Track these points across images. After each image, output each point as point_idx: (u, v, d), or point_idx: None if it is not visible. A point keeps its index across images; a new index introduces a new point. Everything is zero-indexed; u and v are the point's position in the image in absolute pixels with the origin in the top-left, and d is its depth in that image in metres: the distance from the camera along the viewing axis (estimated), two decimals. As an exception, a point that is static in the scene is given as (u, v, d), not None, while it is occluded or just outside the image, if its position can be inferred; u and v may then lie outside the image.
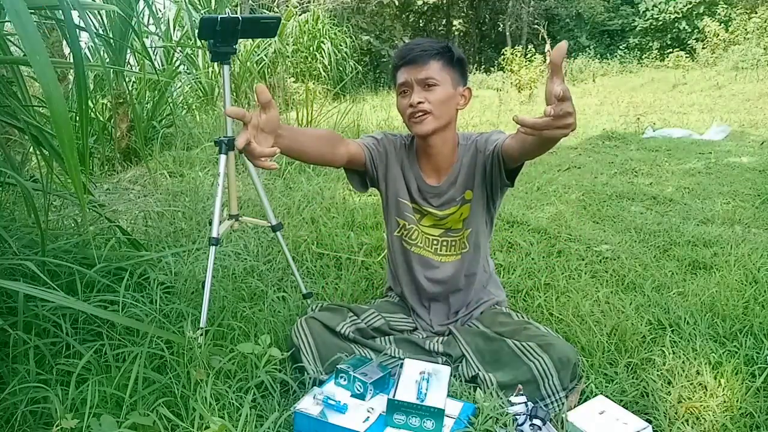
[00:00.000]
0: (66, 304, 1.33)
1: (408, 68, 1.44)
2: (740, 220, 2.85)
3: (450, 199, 1.55)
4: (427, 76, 1.42)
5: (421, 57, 1.42)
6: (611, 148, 5.32)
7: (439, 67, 1.43)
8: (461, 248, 1.60)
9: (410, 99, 1.43)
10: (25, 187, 1.60)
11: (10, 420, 1.25)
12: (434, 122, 1.44)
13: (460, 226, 1.57)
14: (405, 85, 1.45)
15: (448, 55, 1.45)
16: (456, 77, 1.47)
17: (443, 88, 1.43)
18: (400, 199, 1.60)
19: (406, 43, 1.51)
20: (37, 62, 0.93)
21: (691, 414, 1.31)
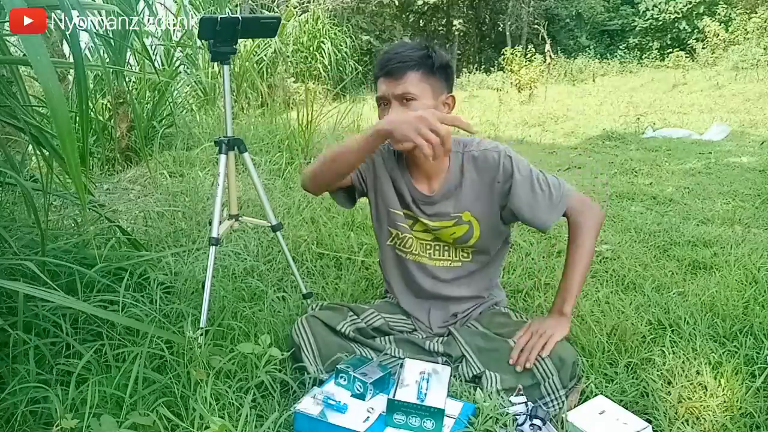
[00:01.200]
0: (66, 304, 1.33)
1: (386, 81, 1.37)
2: (740, 220, 2.85)
3: (443, 213, 1.49)
4: (404, 91, 1.35)
5: (398, 69, 1.35)
6: (611, 148, 5.32)
7: (417, 78, 1.35)
8: (462, 256, 1.56)
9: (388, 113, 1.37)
10: (25, 187, 1.60)
11: (10, 420, 1.25)
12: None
13: (450, 241, 1.53)
14: (383, 98, 1.39)
15: (428, 63, 1.36)
16: (438, 85, 1.39)
17: (421, 102, 1.35)
18: (392, 210, 1.56)
19: (386, 51, 1.42)
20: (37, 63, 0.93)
21: (691, 414, 1.31)
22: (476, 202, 1.46)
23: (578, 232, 1.45)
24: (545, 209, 1.43)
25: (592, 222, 1.46)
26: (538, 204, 1.43)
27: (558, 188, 1.45)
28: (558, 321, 1.42)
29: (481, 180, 1.45)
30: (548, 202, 1.43)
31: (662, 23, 15.15)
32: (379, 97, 1.41)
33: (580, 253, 1.44)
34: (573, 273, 1.44)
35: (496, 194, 1.45)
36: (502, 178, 1.43)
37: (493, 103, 8.16)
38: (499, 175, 1.43)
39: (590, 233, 1.45)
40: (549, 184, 1.44)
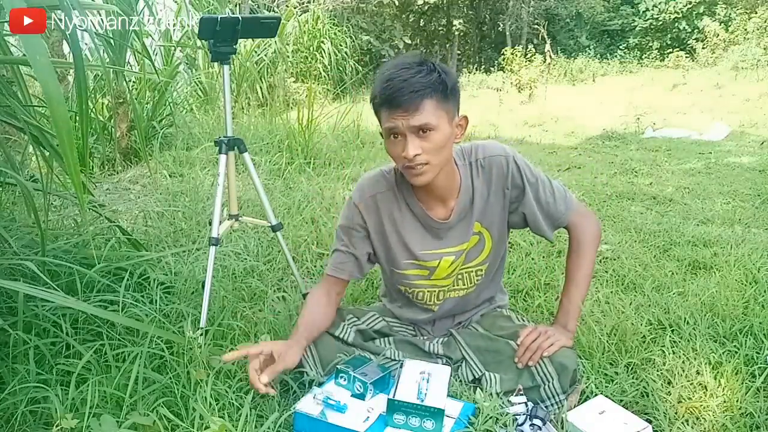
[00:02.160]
0: (66, 304, 1.33)
1: (396, 113, 1.21)
2: (740, 220, 2.85)
3: (464, 233, 1.42)
4: (422, 123, 1.20)
5: (412, 100, 1.18)
6: (611, 148, 5.32)
7: (434, 107, 1.21)
8: (476, 281, 1.51)
9: (404, 149, 1.22)
10: (25, 187, 1.60)
11: (10, 420, 1.25)
12: (433, 171, 1.27)
13: (464, 259, 1.46)
14: (394, 131, 1.23)
15: (441, 87, 1.22)
16: (452, 110, 1.26)
17: (440, 132, 1.23)
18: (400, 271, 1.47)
19: (388, 76, 1.21)
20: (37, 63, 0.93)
21: (691, 414, 1.31)
22: (486, 212, 1.41)
23: (579, 247, 1.45)
24: (549, 222, 1.43)
25: (593, 236, 1.45)
26: (545, 214, 1.42)
27: (563, 199, 1.43)
28: (562, 332, 1.41)
29: (489, 189, 1.40)
30: (552, 214, 1.42)
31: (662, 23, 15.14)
32: (388, 129, 1.24)
33: (583, 269, 1.44)
34: (576, 289, 1.44)
35: (506, 201, 1.41)
36: (511, 184, 1.39)
37: (493, 103, 8.15)
38: (508, 182, 1.39)
39: (591, 248, 1.45)
40: (555, 193, 1.42)
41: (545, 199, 1.41)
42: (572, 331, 1.43)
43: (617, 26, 16.28)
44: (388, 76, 1.21)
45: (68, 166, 1.02)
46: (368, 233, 1.43)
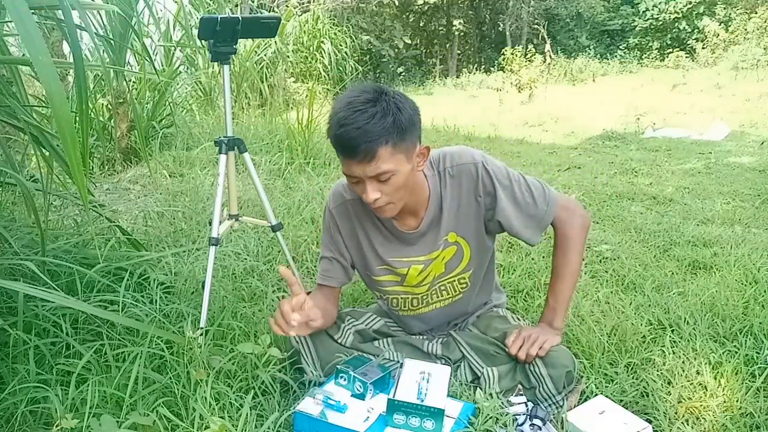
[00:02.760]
0: (66, 304, 1.33)
1: (351, 162, 1.19)
2: (740, 220, 2.85)
3: (432, 242, 1.39)
4: (379, 172, 1.18)
5: (367, 150, 1.16)
6: (611, 148, 5.32)
7: (390, 152, 1.18)
8: (460, 289, 1.49)
9: (363, 192, 1.23)
10: (25, 187, 1.60)
11: (10, 420, 1.25)
12: (397, 206, 1.27)
13: (443, 270, 1.43)
14: (352, 176, 1.23)
15: (396, 131, 1.17)
16: (411, 145, 1.22)
17: (399, 174, 1.21)
18: (375, 277, 1.47)
19: (342, 120, 1.17)
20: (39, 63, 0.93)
21: (691, 414, 1.31)
22: (460, 221, 1.38)
23: (565, 243, 1.39)
24: (531, 223, 1.37)
25: (579, 230, 1.39)
26: (523, 217, 1.36)
27: (543, 197, 1.37)
28: (548, 331, 1.38)
29: (461, 198, 1.36)
30: (533, 215, 1.36)
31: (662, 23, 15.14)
32: (346, 174, 1.24)
33: (569, 264, 1.39)
34: (562, 286, 1.40)
35: (480, 208, 1.37)
36: (482, 191, 1.34)
37: (493, 103, 8.15)
38: (479, 189, 1.34)
39: (578, 242, 1.39)
40: (533, 192, 1.36)
41: (524, 200, 1.35)
42: (559, 328, 1.40)
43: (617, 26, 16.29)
44: (342, 119, 1.17)
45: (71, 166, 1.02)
46: (343, 238, 1.44)
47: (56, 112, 0.97)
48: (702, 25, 13.51)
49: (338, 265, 1.46)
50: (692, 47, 13.12)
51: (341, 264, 1.46)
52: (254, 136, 4.29)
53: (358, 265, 1.49)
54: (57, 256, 1.74)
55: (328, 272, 1.46)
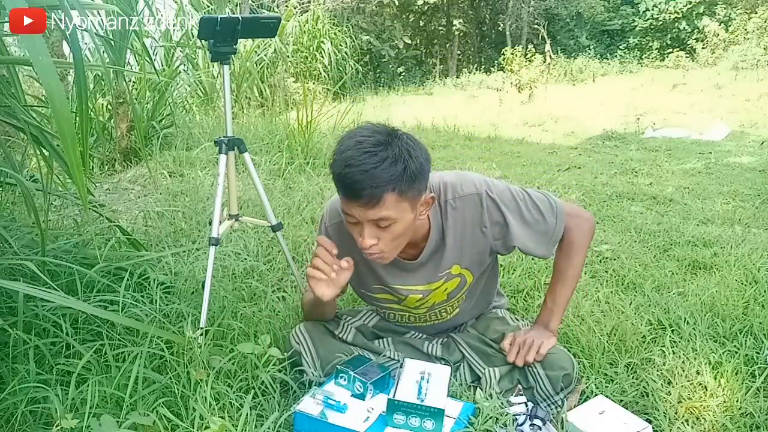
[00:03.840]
0: (66, 304, 1.33)
1: (353, 205, 1.14)
2: (740, 220, 2.85)
3: (432, 273, 1.36)
4: (380, 217, 1.14)
5: (372, 195, 1.11)
6: (611, 148, 5.32)
7: (395, 200, 1.13)
8: (458, 305, 1.48)
9: (360, 236, 1.19)
10: (25, 187, 1.60)
11: (10, 420, 1.25)
12: (391, 255, 1.24)
13: (444, 298, 1.42)
14: (351, 218, 1.19)
15: (405, 179, 1.12)
16: (417, 194, 1.18)
17: (401, 222, 1.17)
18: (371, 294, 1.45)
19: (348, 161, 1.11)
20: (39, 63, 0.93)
21: (691, 414, 1.31)
22: (463, 253, 1.34)
23: (570, 248, 1.38)
24: (544, 240, 1.34)
25: (585, 235, 1.39)
26: (535, 236, 1.33)
27: (551, 211, 1.34)
28: (543, 333, 1.37)
29: (464, 230, 1.32)
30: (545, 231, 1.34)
31: (662, 23, 15.13)
32: (345, 213, 1.20)
33: (572, 268, 1.39)
34: (562, 289, 1.39)
35: (488, 239, 1.33)
36: (489, 222, 1.30)
37: (493, 103, 8.15)
38: (485, 219, 1.30)
39: (583, 248, 1.39)
40: (540, 208, 1.33)
41: (533, 218, 1.32)
42: (554, 330, 1.39)
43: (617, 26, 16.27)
44: (349, 159, 1.11)
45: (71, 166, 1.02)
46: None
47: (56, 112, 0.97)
48: (702, 25, 13.50)
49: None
50: (692, 47, 13.11)
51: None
52: (254, 136, 4.29)
53: (353, 282, 1.44)
54: (57, 256, 1.74)
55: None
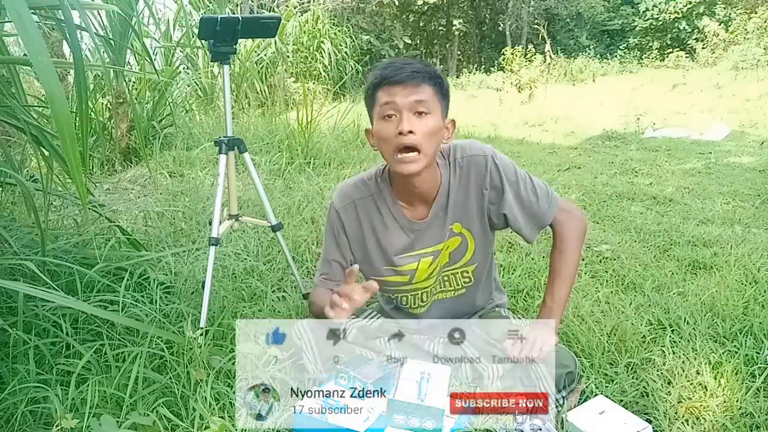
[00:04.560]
0: (66, 304, 1.33)
1: (396, 88, 1.23)
2: (740, 220, 2.85)
3: (439, 232, 1.40)
4: (420, 99, 1.23)
5: (413, 77, 1.23)
6: (611, 148, 5.32)
7: (432, 93, 1.25)
8: (463, 283, 1.49)
9: (399, 125, 1.23)
10: (25, 187, 1.60)
11: (10, 420, 1.25)
12: (423, 161, 1.26)
13: (447, 260, 1.44)
14: (391, 106, 1.24)
15: (439, 82, 1.27)
16: (444, 108, 1.29)
17: (435, 118, 1.25)
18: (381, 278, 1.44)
19: (389, 62, 1.28)
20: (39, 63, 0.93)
21: (691, 414, 1.31)
22: (466, 212, 1.39)
23: (563, 244, 1.40)
24: (532, 221, 1.39)
25: (577, 233, 1.40)
26: (525, 215, 1.38)
27: (546, 197, 1.39)
28: (544, 332, 1.36)
29: (468, 188, 1.37)
30: (535, 213, 1.38)
31: (662, 23, 15.13)
32: (384, 104, 1.25)
33: (567, 266, 1.39)
34: (559, 287, 1.40)
35: (485, 201, 1.37)
36: (489, 185, 1.36)
37: (493, 103, 8.15)
38: (486, 182, 1.36)
39: (575, 245, 1.40)
40: (537, 191, 1.38)
41: (527, 198, 1.37)
42: (555, 328, 1.38)
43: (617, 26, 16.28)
44: (390, 61, 1.28)
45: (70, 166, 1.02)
46: (348, 239, 1.43)
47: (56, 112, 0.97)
48: (702, 25, 13.50)
49: (338, 267, 1.46)
50: (692, 47, 13.12)
51: (341, 266, 1.46)
52: (254, 136, 4.30)
53: (363, 265, 1.46)
54: (57, 256, 1.74)
55: (327, 275, 1.47)
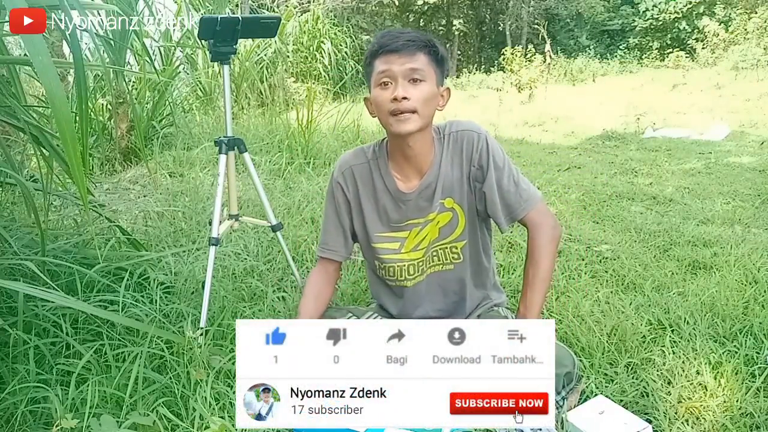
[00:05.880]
0: (66, 304, 1.33)
1: (392, 57, 1.30)
2: (740, 220, 2.85)
3: (427, 204, 1.43)
4: (414, 67, 1.29)
5: (407, 46, 1.29)
6: (611, 148, 5.32)
7: (427, 61, 1.31)
8: (452, 258, 1.49)
9: (394, 91, 1.29)
10: (25, 187, 1.60)
11: (10, 420, 1.25)
12: (419, 121, 1.32)
13: (437, 234, 1.46)
14: (386, 74, 1.30)
15: (434, 50, 1.33)
16: (439, 76, 1.35)
17: (429, 85, 1.32)
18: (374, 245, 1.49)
19: (385, 31, 1.36)
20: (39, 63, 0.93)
21: (691, 414, 1.31)
22: (457, 187, 1.42)
23: (535, 250, 1.41)
24: (505, 212, 1.41)
25: (549, 238, 1.41)
26: (503, 202, 1.41)
27: (527, 192, 1.41)
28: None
29: (461, 163, 1.41)
30: (509, 204, 1.40)
31: (662, 23, 15.14)
32: (380, 72, 1.31)
33: (540, 273, 1.39)
34: (533, 294, 1.39)
35: (472, 178, 1.42)
36: (477, 162, 1.40)
37: (493, 103, 8.14)
38: (474, 159, 1.40)
39: (547, 251, 1.41)
40: (519, 184, 1.41)
41: (507, 187, 1.40)
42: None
43: (617, 26, 16.28)
44: (387, 31, 1.35)
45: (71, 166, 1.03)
46: (349, 205, 1.49)
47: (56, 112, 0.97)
48: (702, 25, 13.50)
49: (339, 236, 1.51)
50: (692, 47, 13.11)
51: (343, 234, 1.51)
52: (254, 136, 4.29)
53: (359, 231, 1.51)
54: (57, 256, 1.74)
55: (327, 245, 1.52)
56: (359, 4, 13.01)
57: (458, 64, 16.01)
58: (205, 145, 4.04)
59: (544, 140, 5.97)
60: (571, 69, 12.85)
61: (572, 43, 16.03)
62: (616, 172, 4.09)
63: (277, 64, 7.41)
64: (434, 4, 14.71)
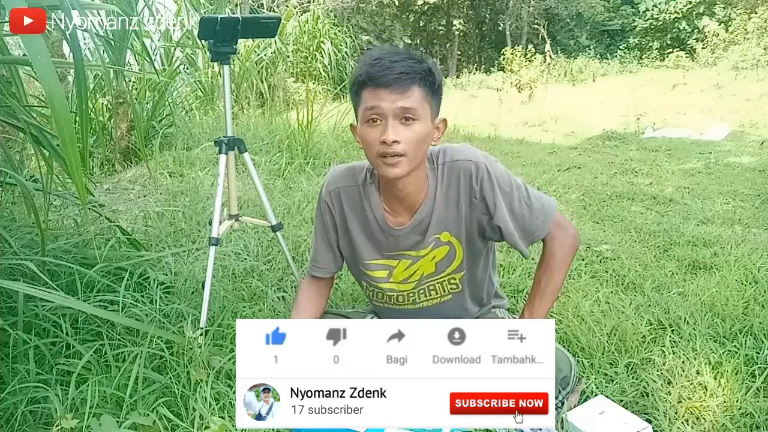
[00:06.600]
0: (66, 304, 1.33)
1: (382, 92, 1.14)
2: (740, 220, 2.85)
3: (421, 239, 1.34)
4: (407, 107, 1.14)
5: (400, 81, 1.13)
6: (611, 148, 5.33)
7: (421, 96, 1.16)
8: (450, 289, 1.43)
9: (383, 133, 1.15)
10: (25, 187, 1.60)
11: (10, 420, 1.25)
12: (408, 165, 1.19)
13: (433, 270, 1.38)
14: (375, 111, 1.16)
15: (430, 80, 1.17)
16: (435, 108, 1.21)
17: (423, 123, 1.17)
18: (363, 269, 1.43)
19: (377, 57, 1.17)
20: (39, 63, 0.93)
21: (691, 414, 1.31)
22: (453, 220, 1.33)
23: (552, 260, 1.35)
24: (523, 236, 1.32)
25: (568, 249, 1.36)
26: (519, 227, 1.31)
27: (541, 210, 1.32)
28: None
29: (458, 195, 1.30)
30: (526, 228, 1.32)
31: (662, 23, 15.14)
32: (368, 108, 1.17)
33: (552, 283, 1.35)
34: (541, 302, 1.35)
35: (476, 212, 1.31)
36: (479, 194, 1.29)
37: (493, 103, 8.14)
38: (476, 191, 1.29)
39: (565, 263, 1.36)
40: (532, 204, 1.32)
41: (519, 211, 1.30)
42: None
43: (617, 26, 16.29)
44: (377, 56, 1.17)
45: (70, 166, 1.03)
46: (336, 225, 1.41)
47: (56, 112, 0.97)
48: (702, 25, 13.51)
49: (329, 253, 1.45)
50: (692, 47, 13.11)
51: (332, 252, 1.45)
52: (254, 136, 4.29)
53: (346, 252, 1.45)
54: (57, 256, 1.74)
55: (317, 263, 1.47)
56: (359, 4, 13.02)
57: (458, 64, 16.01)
58: (205, 145, 4.04)
59: (544, 140, 5.97)
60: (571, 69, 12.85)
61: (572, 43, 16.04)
62: (616, 172, 4.09)
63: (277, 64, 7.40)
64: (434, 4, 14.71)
